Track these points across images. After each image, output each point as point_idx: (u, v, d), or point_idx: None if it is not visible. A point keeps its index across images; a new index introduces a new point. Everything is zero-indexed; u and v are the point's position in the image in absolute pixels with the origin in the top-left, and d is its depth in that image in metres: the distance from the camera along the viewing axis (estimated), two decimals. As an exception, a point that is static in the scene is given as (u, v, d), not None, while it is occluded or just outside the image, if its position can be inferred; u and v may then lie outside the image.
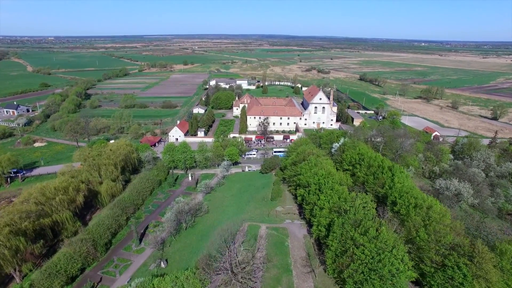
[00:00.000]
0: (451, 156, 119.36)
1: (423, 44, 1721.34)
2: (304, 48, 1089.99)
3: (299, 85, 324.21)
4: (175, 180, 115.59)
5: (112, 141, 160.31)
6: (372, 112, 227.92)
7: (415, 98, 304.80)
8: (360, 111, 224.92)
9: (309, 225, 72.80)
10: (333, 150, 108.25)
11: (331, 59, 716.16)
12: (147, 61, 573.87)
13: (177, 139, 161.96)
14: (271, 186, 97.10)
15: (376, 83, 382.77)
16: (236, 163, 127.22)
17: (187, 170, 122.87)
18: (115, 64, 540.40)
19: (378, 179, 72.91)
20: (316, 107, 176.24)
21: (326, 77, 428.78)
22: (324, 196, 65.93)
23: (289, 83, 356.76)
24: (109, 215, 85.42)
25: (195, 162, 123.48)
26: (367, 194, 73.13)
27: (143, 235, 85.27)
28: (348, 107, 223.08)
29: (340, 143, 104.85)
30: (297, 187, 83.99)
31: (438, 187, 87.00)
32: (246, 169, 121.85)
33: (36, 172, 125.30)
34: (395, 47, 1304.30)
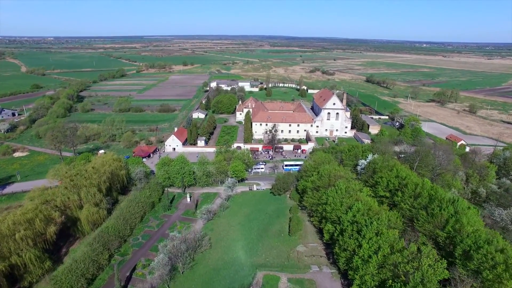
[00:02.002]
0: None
1: (425, 45, 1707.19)
2: (306, 49, 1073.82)
3: (305, 87, 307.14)
4: (171, 201, 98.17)
5: (101, 151, 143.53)
6: (387, 117, 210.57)
7: (427, 101, 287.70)
8: (374, 117, 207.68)
9: (344, 275, 55.55)
10: (359, 167, 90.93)
11: (334, 60, 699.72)
12: (146, 61, 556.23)
13: (174, 148, 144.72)
14: (287, 213, 79.86)
15: (384, 85, 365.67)
16: (242, 180, 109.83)
17: (185, 189, 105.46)
18: (113, 65, 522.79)
19: (435, 217, 55.64)
20: (329, 113, 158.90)
21: (331, 79, 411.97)
22: (368, 244, 48.65)
23: (293, 85, 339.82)
24: (86, 254, 68.00)
25: (194, 179, 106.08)
26: (417, 234, 55.83)
27: (129, 279, 67.87)
28: (360, 112, 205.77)
29: (368, 160, 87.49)
30: (323, 220, 66.72)
31: (498, 219, 69.74)
32: (254, 188, 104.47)
33: (9, 189, 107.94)
34: (397, 48, 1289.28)
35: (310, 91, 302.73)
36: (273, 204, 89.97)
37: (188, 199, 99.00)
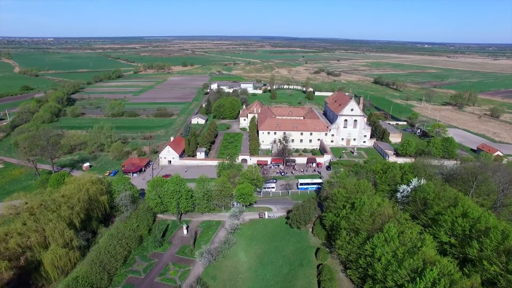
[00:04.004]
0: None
1: (427, 45, 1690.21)
2: (307, 50, 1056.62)
3: (312, 89, 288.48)
4: (163, 234, 79.51)
5: (86, 164, 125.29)
6: (405, 123, 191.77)
7: (443, 104, 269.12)
8: (390, 122, 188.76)
9: None
10: (399, 195, 72.26)
11: (338, 60, 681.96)
12: (144, 62, 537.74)
13: (170, 161, 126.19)
14: (312, 259, 61.36)
15: (394, 86, 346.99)
16: (249, 204, 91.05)
17: (181, 216, 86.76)
18: (110, 66, 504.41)
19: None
20: (346, 120, 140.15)
21: (337, 80, 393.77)
22: None
23: (299, 87, 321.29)
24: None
25: (193, 204, 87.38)
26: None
27: None
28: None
29: (412, 187, 68.85)
30: (367, 278, 48.05)
31: None
32: (266, 216, 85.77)
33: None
34: (399, 48, 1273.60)
35: (317, 93, 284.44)
36: (291, 242, 71.28)
37: (185, 231, 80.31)
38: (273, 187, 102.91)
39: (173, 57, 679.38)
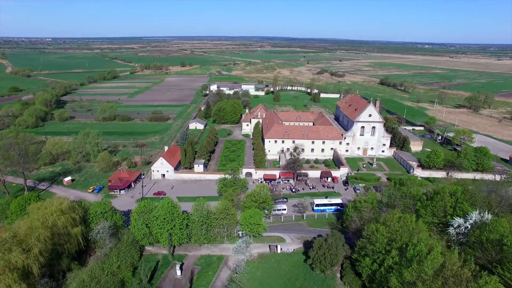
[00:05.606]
0: None
1: (427, 46, 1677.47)
2: (308, 50, 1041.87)
3: (317, 91, 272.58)
4: (151, 276, 63.33)
5: (67, 179, 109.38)
6: (422, 128, 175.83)
7: (456, 106, 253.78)
8: (406, 128, 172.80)
9: None
10: (451, 230, 56.27)
11: (340, 61, 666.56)
12: (142, 62, 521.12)
13: (163, 175, 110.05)
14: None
15: (402, 88, 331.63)
16: (258, 233, 74.90)
17: (174, 250, 70.59)
18: (107, 66, 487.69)
19: None
20: (363, 127, 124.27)
21: (342, 81, 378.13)
22: None
23: (303, 88, 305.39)
24: None
25: (189, 234, 71.19)
26: None
27: None
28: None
29: (472, 222, 52.87)
30: None
31: None
32: (278, 249, 69.74)
33: None
34: (400, 49, 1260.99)
35: (322, 95, 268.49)
36: (315, 292, 55.33)
37: (178, 272, 64.12)
38: (285, 209, 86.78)
39: (171, 57, 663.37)
